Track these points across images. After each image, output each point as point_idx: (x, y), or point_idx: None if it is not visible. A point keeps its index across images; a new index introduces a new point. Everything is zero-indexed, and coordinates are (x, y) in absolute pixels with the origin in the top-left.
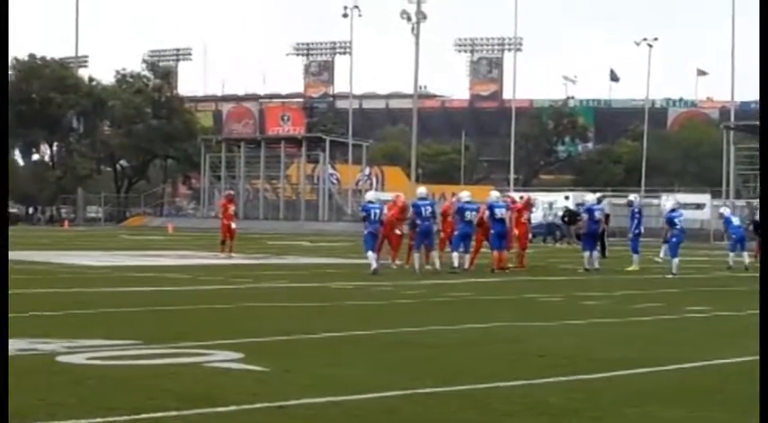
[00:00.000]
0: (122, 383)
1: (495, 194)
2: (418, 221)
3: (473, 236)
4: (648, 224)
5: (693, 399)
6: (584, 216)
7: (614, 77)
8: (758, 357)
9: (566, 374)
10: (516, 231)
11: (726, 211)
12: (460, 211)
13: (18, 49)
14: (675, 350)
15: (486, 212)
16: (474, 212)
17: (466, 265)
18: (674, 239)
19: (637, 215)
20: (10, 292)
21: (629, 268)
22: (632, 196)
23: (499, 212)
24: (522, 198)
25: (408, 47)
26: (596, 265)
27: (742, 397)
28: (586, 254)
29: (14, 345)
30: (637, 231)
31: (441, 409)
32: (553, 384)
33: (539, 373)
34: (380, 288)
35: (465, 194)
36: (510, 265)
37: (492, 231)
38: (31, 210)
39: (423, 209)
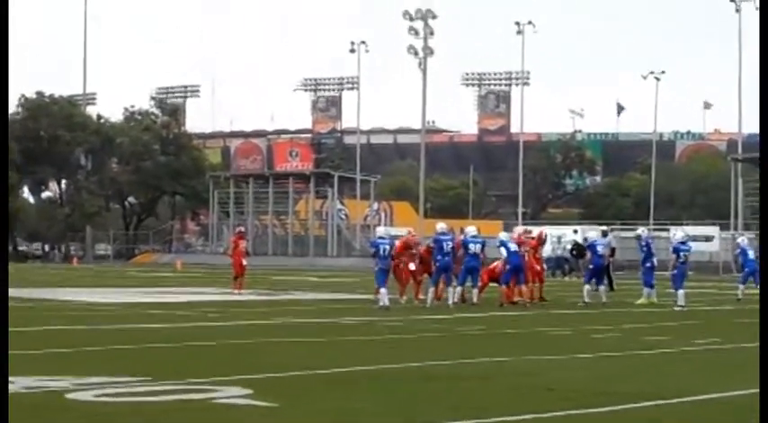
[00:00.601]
0: (131, 420)
1: (471, 230)
2: (439, 256)
3: (480, 269)
4: (658, 257)
5: None
6: (588, 253)
7: (620, 110)
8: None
9: (574, 408)
10: (537, 267)
11: (743, 241)
12: (464, 244)
13: (26, 87)
14: (683, 383)
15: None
16: (479, 245)
17: (475, 299)
18: (675, 271)
19: (645, 249)
20: (18, 329)
21: (639, 302)
22: (640, 230)
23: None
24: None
25: (416, 82)
26: (604, 299)
27: None
28: (587, 287)
29: (23, 382)
30: (649, 264)
31: None
32: (562, 418)
33: (548, 406)
34: (390, 323)
35: (471, 229)
36: (519, 299)
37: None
38: (46, 247)
39: (444, 244)
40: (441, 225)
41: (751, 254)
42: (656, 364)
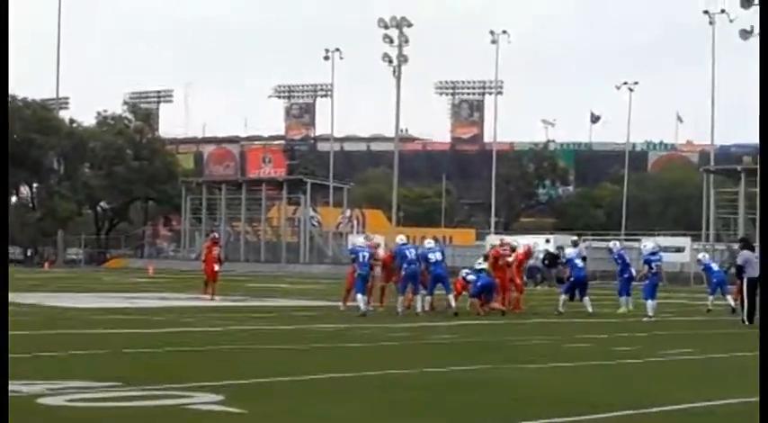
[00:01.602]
0: None
1: (428, 243)
2: (405, 265)
3: (445, 275)
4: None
5: None
6: (567, 271)
7: (594, 119)
8: (738, 400)
9: (546, 417)
10: (518, 280)
11: (704, 257)
12: (423, 256)
13: None
14: (656, 393)
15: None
16: (438, 253)
17: (452, 304)
18: (647, 282)
19: (619, 261)
20: None
21: (620, 311)
22: (612, 243)
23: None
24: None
25: (390, 90)
26: (590, 310)
27: None
28: (563, 297)
29: None
30: (627, 275)
31: None
32: None
33: (522, 416)
34: (364, 331)
35: (428, 242)
36: (498, 306)
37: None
38: (17, 251)
39: (408, 252)
40: (400, 237)
41: (715, 266)
42: (629, 374)
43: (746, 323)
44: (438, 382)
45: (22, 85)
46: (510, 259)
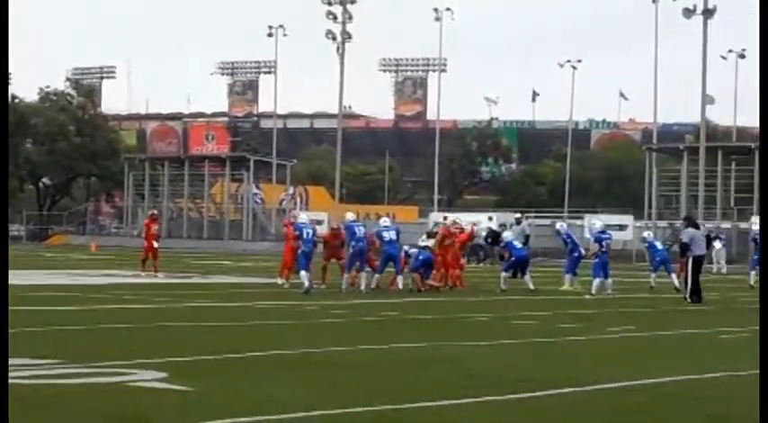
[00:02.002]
0: (46, 403)
1: (384, 221)
2: (353, 242)
3: (398, 255)
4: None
5: (619, 418)
6: (506, 253)
7: (534, 97)
8: (682, 377)
9: (493, 394)
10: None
11: (649, 235)
12: (378, 234)
13: None
14: (599, 370)
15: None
16: (393, 232)
17: (400, 285)
18: (597, 260)
19: (568, 240)
20: None
21: (562, 288)
22: (558, 225)
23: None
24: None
25: (333, 67)
26: (531, 287)
27: (666, 416)
28: (504, 275)
29: None
30: (576, 254)
31: None
32: (480, 404)
33: (466, 392)
34: (307, 308)
35: (384, 220)
36: (436, 283)
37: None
38: None
39: (357, 230)
40: (350, 214)
41: (658, 244)
42: (573, 352)
43: (689, 301)
44: (381, 359)
45: None
46: (453, 230)
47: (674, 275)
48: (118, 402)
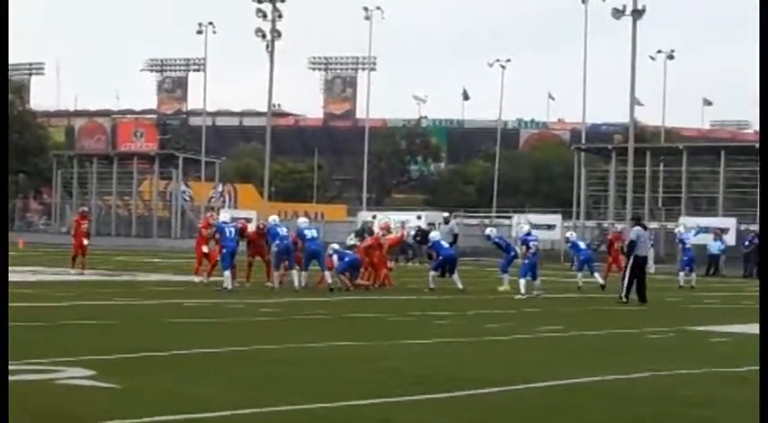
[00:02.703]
0: None
1: (302, 220)
2: (277, 241)
3: (321, 253)
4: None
5: (544, 418)
6: (434, 253)
7: (466, 96)
8: (609, 377)
9: (422, 393)
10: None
11: (572, 235)
12: (300, 234)
13: None
14: (527, 369)
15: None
16: (314, 230)
17: (329, 281)
18: (526, 261)
19: (501, 243)
20: None
21: (501, 288)
22: (488, 230)
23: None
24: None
25: (263, 65)
26: (460, 286)
27: (591, 415)
28: (432, 273)
29: None
30: (513, 254)
31: None
32: (410, 402)
33: (396, 391)
34: (233, 306)
35: (302, 220)
36: (364, 282)
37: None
38: None
39: (279, 230)
40: (273, 217)
41: (582, 244)
42: (501, 351)
43: (624, 301)
44: (307, 357)
45: None
46: (384, 241)
47: (597, 274)
48: (46, 400)
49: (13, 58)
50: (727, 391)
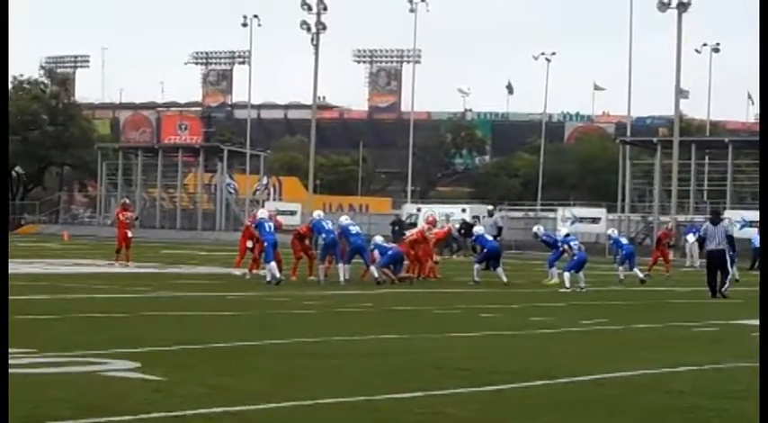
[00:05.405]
0: (15, 393)
1: (345, 218)
2: (323, 234)
3: (365, 248)
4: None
5: (590, 411)
6: (478, 247)
7: (511, 89)
8: (654, 370)
9: (463, 386)
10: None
11: (613, 232)
12: (344, 231)
13: None
14: (572, 363)
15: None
16: (357, 226)
17: (376, 275)
18: (575, 258)
19: (549, 240)
20: None
21: (551, 282)
22: (535, 228)
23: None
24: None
25: (308, 57)
26: (504, 280)
27: (636, 409)
28: (477, 267)
29: None
30: (561, 249)
31: (338, 420)
32: (451, 396)
33: (436, 384)
34: (278, 299)
35: (344, 217)
36: (408, 275)
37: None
38: None
39: (325, 224)
40: (318, 212)
41: (624, 240)
42: (545, 344)
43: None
44: (351, 350)
45: None
46: (430, 235)
47: (637, 269)
48: (88, 392)
49: (59, 50)
50: None
